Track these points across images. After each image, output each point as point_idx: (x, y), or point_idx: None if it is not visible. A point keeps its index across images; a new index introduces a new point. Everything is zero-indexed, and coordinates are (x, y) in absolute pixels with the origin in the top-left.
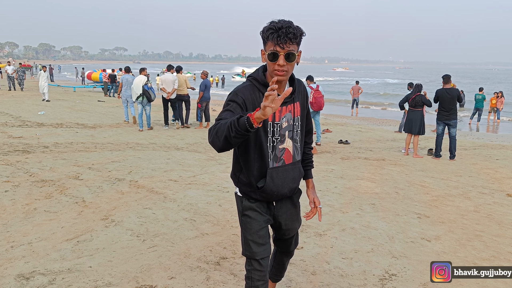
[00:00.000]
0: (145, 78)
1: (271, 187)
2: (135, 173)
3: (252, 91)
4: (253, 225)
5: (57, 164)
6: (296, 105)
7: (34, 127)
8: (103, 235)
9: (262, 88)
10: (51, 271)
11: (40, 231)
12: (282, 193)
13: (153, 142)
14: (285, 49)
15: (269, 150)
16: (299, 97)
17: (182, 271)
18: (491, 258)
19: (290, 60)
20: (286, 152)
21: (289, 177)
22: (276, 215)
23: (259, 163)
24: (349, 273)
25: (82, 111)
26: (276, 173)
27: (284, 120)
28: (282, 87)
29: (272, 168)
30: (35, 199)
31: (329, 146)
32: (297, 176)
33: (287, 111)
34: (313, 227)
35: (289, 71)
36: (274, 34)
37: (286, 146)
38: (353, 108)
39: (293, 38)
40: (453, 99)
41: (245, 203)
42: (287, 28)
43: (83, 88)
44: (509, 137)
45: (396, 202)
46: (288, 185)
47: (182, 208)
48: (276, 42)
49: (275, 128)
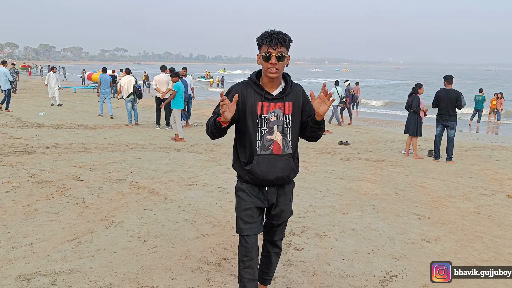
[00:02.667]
0: (134, 78)
1: (257, 170)
2: (135, 174)
3: (244, 87)
4: (241, 204)
5: (57, 165)
6: (287, 104)
7: (35, 128)
8: (103, 236)
9: (254, 86)
10: (51, 272)
11: (40, 232)
12: (269, 179)
13: (153, 143)
14: (277, 50)
15: (258, 139)
16: (292, 98)
17: (183, 272)
18: (491, 259)
19: (281, 60)
20: (275, 144)
21: (276, 166)
22: (269, 199)
23: (249, 149)
24: (350, 274)
25: (82, 112)
26: (263, 160)
27: (272, 114)
28: (275, 84)
29: (259, 155)
30: (35, 200)
31: (329, 147)
32: (285, 167)
33: (276, 107)
34: (313, 228)
35: (280, 70)
36: (267, 39)
37: (275, 138)
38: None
39: (283, 42)
40: (452, 100)
41: (238, 185)
42: (278, 34)
43: (84, 88)
44: (509, 138)
45: (397, 203)
46: (275, 173)
47: (182, 209)
48: (269, 45)
49: (263, 121)
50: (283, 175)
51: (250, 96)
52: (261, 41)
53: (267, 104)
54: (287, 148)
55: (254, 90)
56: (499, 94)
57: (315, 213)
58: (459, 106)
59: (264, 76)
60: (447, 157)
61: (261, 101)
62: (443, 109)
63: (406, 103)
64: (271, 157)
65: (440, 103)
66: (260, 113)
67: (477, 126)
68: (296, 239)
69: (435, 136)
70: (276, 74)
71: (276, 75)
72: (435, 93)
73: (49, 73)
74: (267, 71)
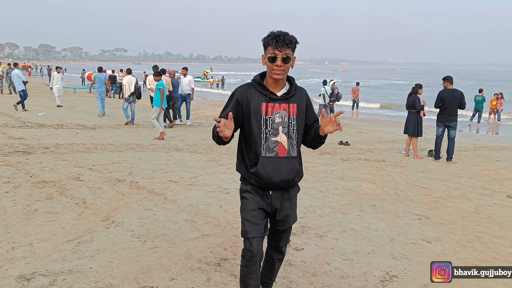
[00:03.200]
0: (135, 78)
1: (262, 173)
2: (135, 174)
3: (248, 88)
4: (247, 205)
5: (57, 165)
6: (292, 106)
7: (35, 128)
8: (103, 236)
9: (258, 87)
10: (52, 272)
11: (40, 232)
12: (274, 182)
13: (153, 143)
14: (282, 52)
15: (262, 141)
16: (297, 100)
17: (183, 272)
18: (491, 259)
19: (286, 62)
20: (280, 146)
21: (282, 168)
22: (273, 204)
23: (254, 151)
24: (350, 274)
25: (82, 112)
26: (268, 162)
27: (277, 116)
28: (280, 85)
29: (264, 157)
30: (35, 200)
31: (329, 147)
32: (291, 170)
33: (280, 108)
34: (313, 228)
35: (285, 72)
36: (273, 40)
37: (279, 140)
38: (353, 109)
39: (289, 44)
40: (456, 101)
41: (243, 187)
42: (284, 35)
43: (84, 89)
44: (509, 138)
45: (397, 203)
46: (280, 175)
47: (182, 209)
48: (275, 46)
49: (268, 122)
50: (289, 178)
51: (254, 97)
52: (267, 42)
53: (272, 105)
54: (292, 151)
55: (258, 91)
56: (499, 94)
57: (315, 213)
58: (463, 106)
59: (268, 77)
60: (447, 157)
61: (266, 102)
62: (447, 110)
63: (406, 103)
64: (276, 160)
65: (443, 103)
66: (265, 114)
67: (477, 126)
68: (296, 239)
69: (436, 136)
70: (281, 76)
71: (281, 77)
72: (437, 93)
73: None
74: (272, 72)
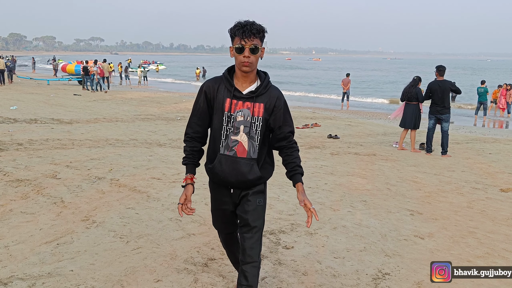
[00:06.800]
0: None
1: (218, 170)
2: (116, 171)
3: (216, 82)
4: (211, 203)
5: (32, 162)
6: (258, 105)
7: (6, 123)
8: (84, 237)
9: (225, 82)
10: (30, 276)
11: (17, 234)
12: (230, 181)
13: (133, 138)
14: (250, 42)
15: (222, 137)
16: (265, 100)
17: (169, 273)
18: (485, 255)
19: (254, 53)
20: (239, 145)
21: (239, 169)
22: (234, 202)
23: (213, 147)
24: (342, 272)
25: (57, 105)
26: (225, 160)
27: (239, 114)
28: (249, 80)
29: (222, 154)
30: (10, 200)
31: (318, 141)
32: (248, 172)
33: (244, 106)
34: (303, 225)
35: (254, 63)
36: (240, 30)
37: (239, 139)
38: (343, 101)
39: (256, 33)
40: (446, 92)
41: (210, 182)
42: (251, 25)
43: (58, 81)
44: (501, 130)
45: (388, 198)
46: (236, 176)
47: (166, 207)
48: (242, 37)
49: (230, 119)
50: (245, 180)
51: (220, 92)
52: (233, 32)
53: (235, 102)
54: (253, 152)
55: (225, 86)
56: (508, 85)
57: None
58: (458, 91)
59: (237, 70)
60: (442, 150)
61: (230, 98)
62: (437, 101)
63: (402, 95)
64: (234, 159)
65: (433, 95)
66: (228, 111)
67: (483, 119)
68: (286, 237)
69: (428, 129)
70: (249, 68)
71: (249, 69)
72: (427, 85)
73: None
74: (240, 64)
